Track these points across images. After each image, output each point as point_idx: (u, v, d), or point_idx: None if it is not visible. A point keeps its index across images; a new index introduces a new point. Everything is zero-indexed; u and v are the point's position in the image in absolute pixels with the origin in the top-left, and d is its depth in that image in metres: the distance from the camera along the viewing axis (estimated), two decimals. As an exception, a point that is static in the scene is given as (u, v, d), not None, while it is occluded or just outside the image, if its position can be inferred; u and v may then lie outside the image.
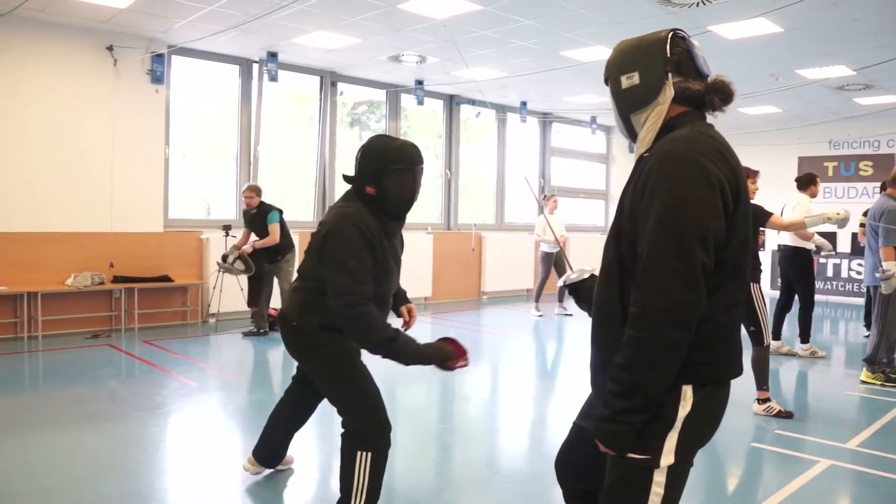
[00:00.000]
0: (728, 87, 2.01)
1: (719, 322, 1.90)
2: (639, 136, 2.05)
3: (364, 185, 3.18)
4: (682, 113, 2.00)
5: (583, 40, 8.48)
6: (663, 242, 1.79)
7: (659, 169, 1.85)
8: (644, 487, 1.91)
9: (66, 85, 8.29)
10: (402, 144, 3.23)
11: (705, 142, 1.89)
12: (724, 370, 1.97)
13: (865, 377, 6.66)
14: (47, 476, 4.04)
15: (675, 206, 1.79)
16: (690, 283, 1.77)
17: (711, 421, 1.99)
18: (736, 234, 1.88)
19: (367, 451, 3.29)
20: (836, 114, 12.89)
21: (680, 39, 2.03)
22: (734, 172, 1.90)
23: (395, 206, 3.20)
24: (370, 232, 3.06)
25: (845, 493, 4.23)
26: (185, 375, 6.49)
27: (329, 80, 10.72)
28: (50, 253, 8.21)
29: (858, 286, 13.15)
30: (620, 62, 2.08)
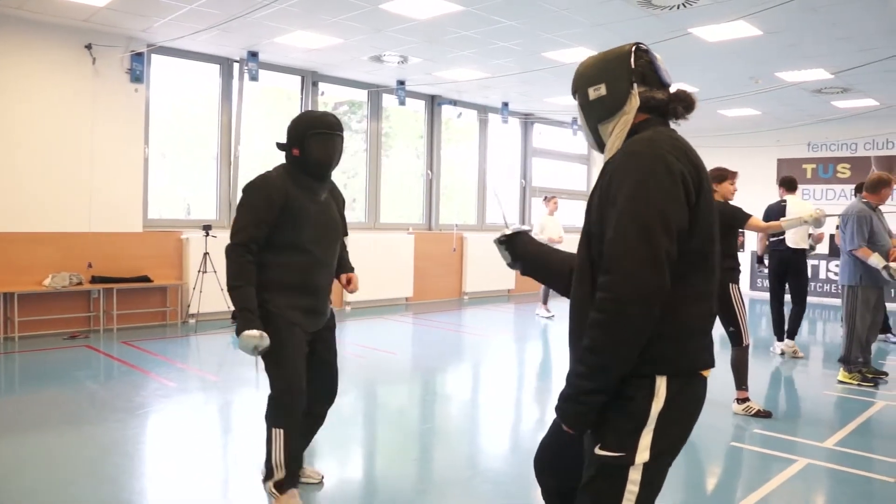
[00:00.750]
0: (690, 96, 2.11)
1: (688, 313, 1.96)
2: (606, 145, 2.13)
3: (291, 147, 3.64)
4: (645, 119, 2.09)
5: (564, 42, 8.51)
6: (628, 230, 1.85)
7: (623, 165, 1.94)
8: (619, 485, 1.94)
9: (43, 84, 8.20)
10: (323, 114, 3.76)
11: (665, 139, 1.97)
12: (694, 361, 2.00)
13: (843, 377, 6.74)
14: (24, 479, 3.99)
15: (638, 195, 1.87)
16: (655, 268, 1.83)
17: (687, 416, 2.02)
18: (699, 227, 1.94)
19: (279, 428, 3.55)
20: (815, 116, 13.02)
21: (643, 52, 2.12)
22: (696, 168, 1.97)
23: (315, 166, 3.62)
24: (275, 188, 3.50)
25: (822, 491, 4.28)
26: (164, 376, 6.44)
27: (310, 79, 10.69)
28: (27, 253, 8.12)
29: (836, 287, 13.29)
30: (588, 75, 2.17)
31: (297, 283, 3.57)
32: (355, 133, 12.09)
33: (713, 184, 5.76)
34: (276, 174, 3.62)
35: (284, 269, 3.55)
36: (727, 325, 5.60)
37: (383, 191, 12.01)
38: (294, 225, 3.53)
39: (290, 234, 3.53)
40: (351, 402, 6.04)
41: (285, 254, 3.55)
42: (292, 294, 3.56)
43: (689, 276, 1.94)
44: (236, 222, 3.51)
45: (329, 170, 3.70)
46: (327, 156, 3.64)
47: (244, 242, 3.44)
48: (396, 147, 12.74)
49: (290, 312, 3.55)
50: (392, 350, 8.17)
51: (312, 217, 3.60)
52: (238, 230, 3.47)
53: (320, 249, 3.65)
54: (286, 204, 3.50)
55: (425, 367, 7.47)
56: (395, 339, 9.20)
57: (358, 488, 4.10)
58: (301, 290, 3.59)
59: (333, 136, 3.66)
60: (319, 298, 3.70)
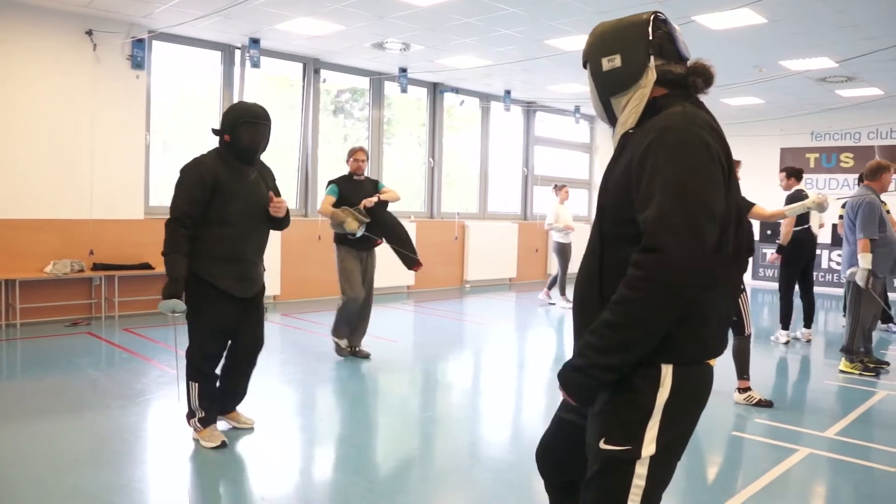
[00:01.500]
0: (709, 69, 2.00)
1: (698, 300, 1.83)
2: (619, 119, 2.02)
3: (223, 134, 4.12)
4: (667, 94, 1.97)
5: (567, 29, 8.47)
6: (672, 211, 1.73)
7: (660, 145, 1.81)
8: (625, 479, 1.87)
9: (44, 70, 8.17)
10: (253, 105, 4.19)
11: (701, 117, 1.87)
12: (702, 349, 1.91)
13: (844, 367, 6.73)
14: (25, 466, 4.00)
15: (681, 180, 1.76)
16: (700, 254, 1.73)
17: (693, 407, 1.94)
18: (728, 211, 1.86)
19: (193, 382, 4.30)
20: (819, 105, 12.96)
21: (661, 22, 2.02)
22: (725, 148, 1.89)
23: (244, 151, 4.13)
24: (206, 169, 4.03)
25: (823, 480, 4.28)
26: (165, 363, 6.44)
27: (312, 67, 10.65)
28: (29, 240, 8.11)
29: (838, 276, 13.27)
30: (601, 44, 2.05)
31: (228, 253, 4.10)
32: (357, 121, 12.06)
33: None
34: (208, 157, 4.15)
35: (216, 241, 4.09)
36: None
37: (385, 179, 11.97)
38: (223, 202, 4.05)
39: (219, 209, 4.05)
40: (352, 389, 6.04)
41: (217, 227, 4.08)
42: (224, 263, 4.11)
43: None
44: (173, 200, 4.05)
45: (255, 154, 4.21)
46: (254, 142, 4.14)
47: (179, 217, 3.99)
48: (398, 135, 12.70)
49: (222, 280, 4.12)
50: (393, 338, 8.17)
51: (240, 195, 4.11)
52: (174, 207, 4.02)
53: (247, 222, 4.17)
54: (216, 183, 4.03)
55: (426, 356, 7.47)
56: (396, 327, 9.20)
57: (358, 477, 4.10)
58: (231, 259, 4.13)
59: (260, 125, 4.14)
60: (248, 267, 4.24)
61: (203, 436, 4.27)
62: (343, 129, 12.02)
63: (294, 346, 7.44)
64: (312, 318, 9.15)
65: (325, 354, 7.06)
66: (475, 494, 3.90)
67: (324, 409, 5.55)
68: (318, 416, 5.37)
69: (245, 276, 4.23)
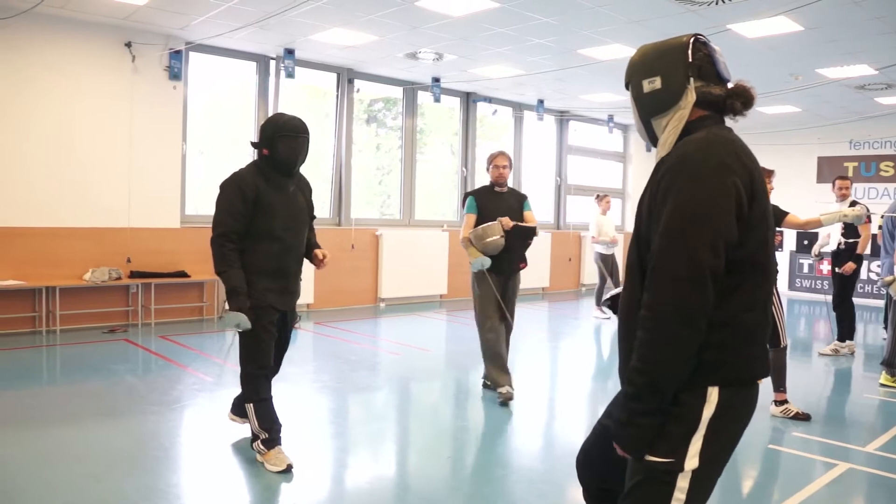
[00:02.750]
0: (749, 91, 2.02)
1: (741, 322, 1.89)
2: (660, 139, 2.06)
3: (262, 148, 4.09)
4: (701, 117, 2.01)
5: (600, 38, 8.44)
6: (672, 245, 1.81)
7: (675, 171, 1.87)
8: (666, 491, 1.89)
9: (84, 81, 8.34)
10: (291, 118, 4.12)
11: (720, 143, 1.90)
12: (749, 370, 1.94)
13: (885, 380, 6.60)
14: (63, 470, 4.06)
15: (685, 209, 1.81)
16: (697, 285, 1.78)
17: (737, 423, 1.97)
18: (753, 235, 1.88)
19: (250, 403, 4.19)
20: (857, 113, 12.76)
21: (701, 45, 2.04)
22: (750, 173, 1.90)
23: (283, 164, 4.08)
24: (246, 183, 3.99)
25: (863, 496, 4.19)
26: (201, 371, 6.52)
27: (346, 77, 10.73)
28: (68, 248, 8.27)
29: (877, 288, 13.02)
30: (642, 66, 2.09)
31: (272, 267, 4.05)
32: (390, 130, 12.12)
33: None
34: (246, 171, 4.10)
35: (260, 256, 4.05)
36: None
37: (418, 188, 12.02)
38: (265, 216, 4.02)
39: (262, 224, 4.02)
40: (384, 398, 6.06)
41: (260, 242, 4.05)
42: (267, 277, 4.05)
43: (742, 284, 1.88)
44: (215, 217, 4.01)
45: (294, 168, 4.17)
46: (293, 156, 4.09)
47: (224, 233, 3.97)
48: (431, 144, 12.74)
49: (266, 294, 4.05)
50: (426, 347, 8.18)
51: (281, 208, 4.08)
52: (217, 223, 3.99)
53: (290, 236, 4.14)
54: (257, 197, 3.99)
55: (459, 365, 7.46)
56: (429, 336, 9.21)
57: (391, 485, 4.11)
58: (275, 273, 4.08)
59: (298, 138, 4.09)
60: (290, 280, 4.21)
61: (268, 459, 4.14)
62: (376, 137, 12.09)
63: (327, 355, 7.48)
64: (345, 326, 9.19)
65: (358, 363, 7.09)
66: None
67: (356, 418, 5.57)
68: (351, 425, 5.39)
69: (287, 289, 4.19)
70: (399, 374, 6.88)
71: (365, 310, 10.67)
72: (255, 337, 4.08)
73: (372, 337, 8.78)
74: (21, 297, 7.97)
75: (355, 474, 4.32)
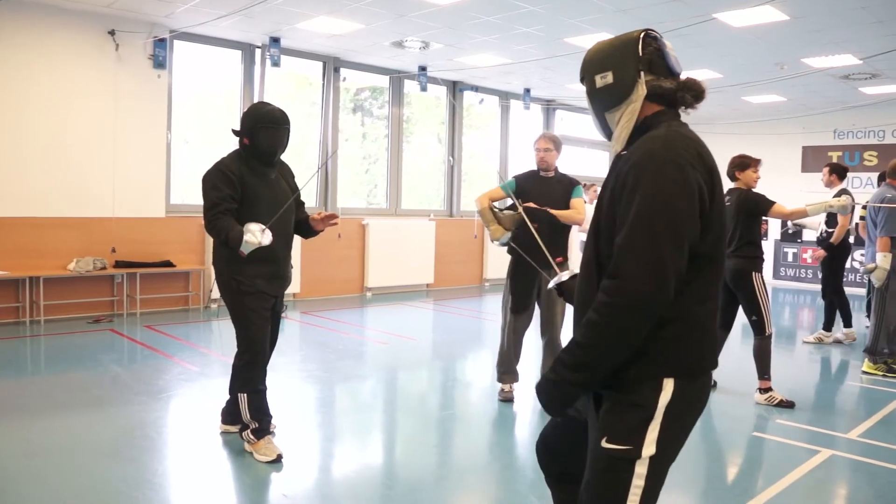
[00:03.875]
0: (699, 84, 2.06)
1: (694, 315, 1.96)
2: (614, 133, 2.11)
3: (242, 137, 4.10)
4: (657, 112, 2.05)
5: (587, 27, 8.43)
6: (637, 238, 1.85)
7: (638, 169, 1.90)
8: (625, 479, 1.95)
9: (68, 69, 8.26)
10: (272, 108, 4.12)
11: (682, 142, 1.94)
12: (702, 362, 2.02)
13: (867, 368, 6.66)
14: (48, 460, 4.05)
15: (652, 204, 1.85)
16: (659, 282, 1.83)
17: (692, 412, 2.04)
18: (711, 232, 1.94)
19: (243, 394, 4.16)
20: (841, 103, 12.83)
21: (651, 39, 2.08)
22: (710, 172, 1.95)
23: (263, 154, 4.09)
24: (229, 170, 3.99)
25: (846, 483, 4.24)
26: (186, 360, 6.50)
27: (332, 65, 10.68)
28: (52, 238, 8.21)
29: (860, 276, 13.13)
30: (595, 62, 2.14)
31: (260, 253, 3.90)
32: (377, 119, 12.08)
33: (736, 171, 5.71)
34: (229, 159, 4.12)
35: None
36: (750, 314, 5.56)
37: (404, 177, 12.00)
38: (250, 203, 4.03)
39: (248, 211, 4.00)
40: (371, 387, 6.06)
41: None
42: (256, 263, 3.98)
43: (696, 278, 1.93)
44: (205, 204, 3.97)
45: (274, 158, 4.16)
46: (273, 146, 4.10)
47: (212, 208, 3.92)
48: (418, 133, 12.71)
49: (256, 281, 4.05)
50: (412, 336, 8.18)
51: (266, 194, 4.09)
52: (209, 208, 3.94)
53: (276, 222, 4.01)
54: (241, 182, 4.01)
55: (446, 354, 7.48)
56: (415, 325, 9.21)
57: (378, 474, 4.12)
58: (264, 259, 4.00)
59: (279, 128, 4.10)
60: (280, 265, 4.19)
61: (257, 448, 4.14)
62: (362, 127, 12.05)
63: (313, 344, 7.47)
64: (332, 315, 9.18)
65: (344, 352, 7.09)
66: (494, 493, 3.90)
67: (343, 407, 5.58)
68: (338, 414, 5.39)
69: (277, 274, 4.18)
70: (386, 363, 6.88)
71: (351, 299, 10.66)
72: (250, 322, 4.08)
73: (359, 326, 8.78)
74: (5, 288, 7.91)
75: (342, 463, 4.33)
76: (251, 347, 4.11)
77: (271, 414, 4.31)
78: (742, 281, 5.54)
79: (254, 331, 4.09)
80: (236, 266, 3.97)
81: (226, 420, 4.54)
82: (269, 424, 4.25)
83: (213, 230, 3.92)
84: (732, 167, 5.74)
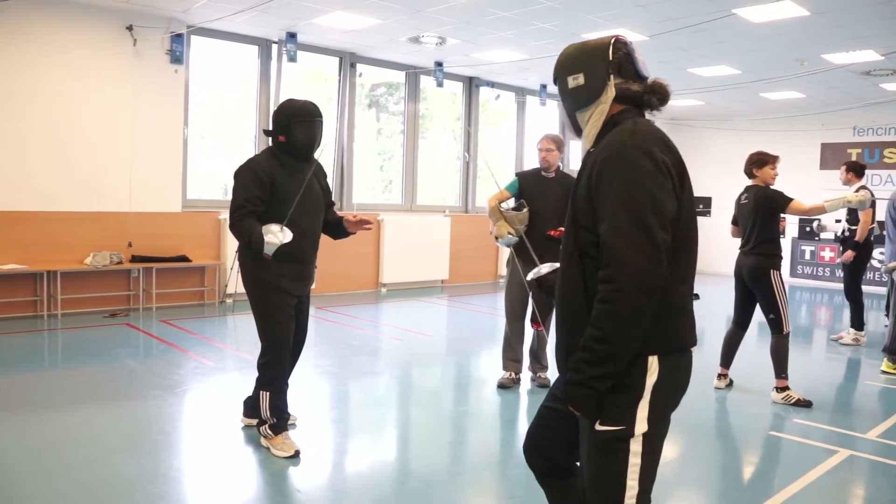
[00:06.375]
0: (664, 88, 2.19)
1: (675, 294, 2.07)
2: (583, 132, 2.25)
3: (277, 135, 4.06)
4: (623, 110, 2.17)
5: (604, 22, 8.38)
6: (624, 222, 1.94)
7: (611, 159, 2.02)
8: (622, 457, 2.04)
9: (85, 64, 8.30)
10: (304, 102, 4.11)
11: (648, 131, 2.07)
12: (684, 338, 2.12)
13: (886, 367, 6.59)
14: (65, 454, 4.07)
15: (630, 188, 1.96)
16: (653, 256, 1.93)
17: (678, 386, 2.15)
18: (684, 213, 2.06)
19: (265, 391, 4.15)
20: (862, 99, 12.69)
21: (622, 45, 2.19)
22: (675, 156, 2.07)
23: (300, 149, 4.06)
24: (261, 169, 3.97)
25: (865, 483, 4.19)
26: (202, 355, 6.52)
27: (348, 61, 10.67)
28: (69, 232, 8.25)
29: (880, 275, 13.00)
30: (568, 64, 2.25)
31: (287, 252, 3.90)
32: (392, 115, 12.07)
33: (754, 168, 5.65)
34: (262, 157, 4.11)
35: None
36: (768, 313, 5.51)
37: (420, 173, 11.99)
38: (281, 201, 3.97)
39: (279, 209, 3.95)
40: (386, 383, 6.06)
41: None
42: (283, 262, 3.97)
43: (676, 259, 2.03)
44: (232, 203, 3.99)
45: (311, 152, 4.14)
46: (309, 140, 4.07)
47: (239, 210, 3.94)
48: (433, 129, 12.69)
49: (281, 279, 4.05)
50: (427, 332, 8.18)
51: (297, 193, 4.00)
52: (236, 208, 3.95)
53: (306, 221, 4.09)
54: (272, 182, 3.98)
55: (460, 350, 7.46)
56: (430, 321, 9.21)
57: (392, 470, 4.11)
58: (290, 258, 4.00)
59: (314, 121, 4.07)
60: (305, 265, 4.19)
61: (275, 444, 4.14)
62: (378, 123, 12.05)
63: (328, 340, 7.48)
64: (347, 311, 9.19)
65: (359, 348, 7.09)
66: (508, 489, 3.89)
67: (357, 403, 5.58)
68: (352, 409, 5.39)
69: (301, 274, 4.17)
70: (400, 359, 6.88)
71: (366, 295, 10.67)
72: (273, 320, 4.07)
73: (373, 322, 8.78)
74: (23, 282, 7.97)
75: (356, 459, 4.32)
76: (274, 345, 4.10)
77: (289, 412, 4.33)
78: (760, 279, 5.49)
79: (277, 329, 4.07)
80: (262, 263, 3.94)
81: (247, 413, 4.55)
82: (286, 421, 4.26)
83: (236, 232, 3.93)
84: (750, 164, 5.68)
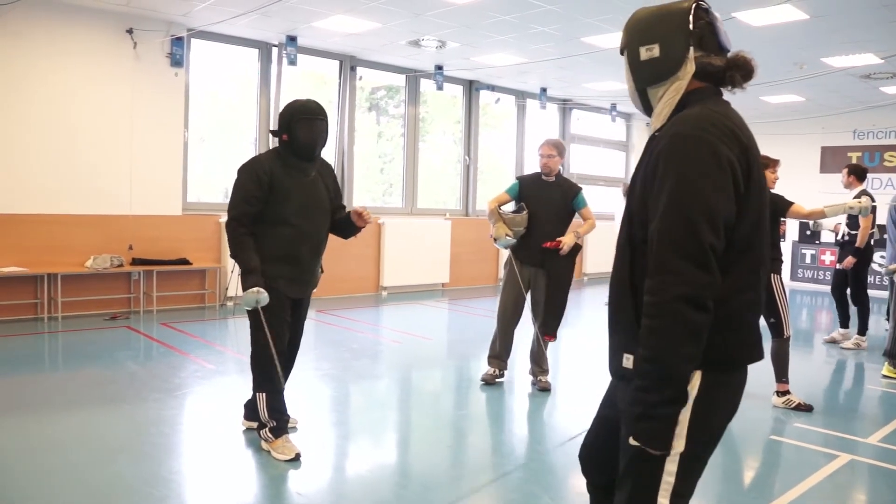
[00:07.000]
0: (749, 63, 1.95)
1: (731, 304, 1.82)
2: (654, 110, 2.00)
3: (281, 134, 4.07)
4: (697, 89, 1.94)
5: (604, 26, 8.39)
6: (672, 226, 1.75)
7: (668, 151, 1.81)
8: (655, 476, 1.85)
9: (85, 68, 8.31)
10: (308, 101, 4.12)
11: (715, 120, 1.83)
12: (738, 354, 1.90)
13: (887, 371, 6.59)
14: (65, 456, 4.07)
15: (683, 188, 1.75)
16: (702, 265, 1.72)
17: (725, 406, 1.92)
18: (747, 215, 1.83)
19: (261, 393, 4.15)
20: (862, 103, 12.69)
21: (703, 12, 1.96)
22: (745, 151, 1.84)
23: (302, 147, 4.05)
24: (261, 168, 3.99)
25: (865, 488, 4.19)
26: (202, 358, 6.52)
27: (348, 64, 10.68)
28: (69, 235, 8.25)
29: (881, 278, 13.00)
30: (640, 32, 2.00)
31: (283, 253, 4.01)
32: (392, 118, 12.08)
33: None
34: (265, 156, 4.14)
35: (272, 241, 4.02)
36: (768, 317, 5.50)
37: (420, 176, 12.00)
38: (280, 201, 4.01)
39: (276, 209, 4.00)
40: (386, 386, 6.06)
41: (273, 227, 4.02)
42: (278, 263, 4.02)
43: (734, 266, 1.82)
44: (230, 200, 4.03)
45: (314, 151, 4.11)
46: (312, 139, 4.06)
47: (237, 217, 3.96)
48: (434, 132, 12.70)
49: (277, 281, 4.02)
50: (427, 336, 8.17)
51: (298, 193, 4.06)
52: (232, 206, 4.00)
53: (306, 223, 4.10)
54: (272, 182, 3.99)
55: (460, 354, 7.46)
56: (430, 324, 9.21)
57: (392, 473, 4.11)
58: (286, 259, 4.05)
59: (316, 120, 4.07)
60: (304, 268, 4.16)
61: (275, 447, 4.12)
62: (378, 126, 12.05)
63: (328, 343, 7.48)
64: (347, 314, 9.19)
65: (359, 351, 7.09)
66: (508, 493, 3.88)
67: (358, 406, 5.57)
68: (353, 412, 5.39)
69: (298, 277, 4.14)
70: (401, 362, 6.88)
71: (367, 298, 10.66)
72: (263, 322, 4.01)
73: (374, 325, 8.78)
74: (23, 284, 7.97)
75: (357, 462, 4.32)
76: (264, 347, 4.05)
77: (289, 414, 4.32)
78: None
79: (267, 330, 4.01)
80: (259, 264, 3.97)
81: (248, 416, 4.54)
82: (286, 423, 4.24)
83: (232, 247, 3.98)
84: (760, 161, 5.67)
